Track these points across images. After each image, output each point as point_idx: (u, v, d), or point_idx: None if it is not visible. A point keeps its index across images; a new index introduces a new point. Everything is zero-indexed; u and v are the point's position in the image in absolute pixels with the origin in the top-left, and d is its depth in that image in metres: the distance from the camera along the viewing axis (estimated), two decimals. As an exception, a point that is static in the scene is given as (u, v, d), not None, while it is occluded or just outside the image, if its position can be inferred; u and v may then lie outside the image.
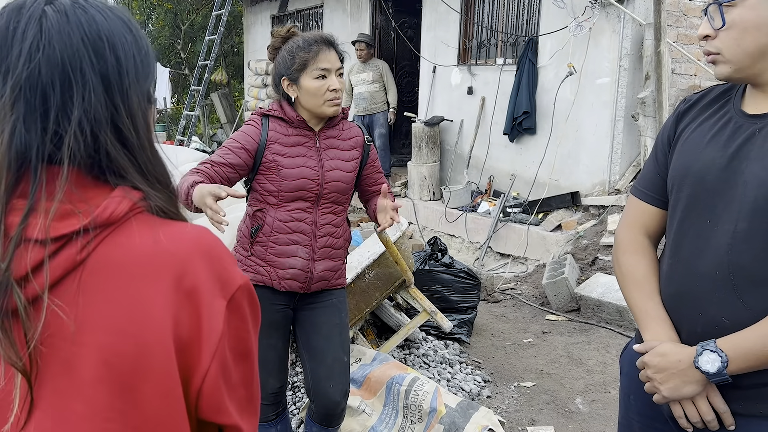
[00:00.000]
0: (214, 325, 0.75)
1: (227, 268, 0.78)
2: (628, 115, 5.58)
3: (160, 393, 0.73)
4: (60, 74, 0.72)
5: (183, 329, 0.73)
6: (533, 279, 5.41)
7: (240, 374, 0.80)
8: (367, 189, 2.28)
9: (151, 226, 0.75)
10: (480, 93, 6.94)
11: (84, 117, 0.73)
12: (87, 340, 0.71)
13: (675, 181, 1.34)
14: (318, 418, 2.22)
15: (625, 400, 1.52)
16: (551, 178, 6.15)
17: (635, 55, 5.51)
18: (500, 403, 3.33)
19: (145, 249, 0.73)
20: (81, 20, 0.74)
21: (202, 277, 0.75)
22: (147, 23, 15.29)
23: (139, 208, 0.75)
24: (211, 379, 0.75)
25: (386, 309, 3.66)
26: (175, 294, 0.73)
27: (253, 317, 0.82)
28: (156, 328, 0.72)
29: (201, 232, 0.78)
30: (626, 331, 4.25)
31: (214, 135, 13.14)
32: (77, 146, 0.72)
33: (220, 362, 0.76)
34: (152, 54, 0.83)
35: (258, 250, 2.08)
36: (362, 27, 8.66)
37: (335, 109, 2.05)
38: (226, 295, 0.76)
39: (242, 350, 0.80)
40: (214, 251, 0.77)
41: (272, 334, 2.16)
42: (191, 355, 0.74)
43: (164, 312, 0.72)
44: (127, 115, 0.76)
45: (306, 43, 2.02)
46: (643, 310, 1.37)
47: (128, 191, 0.75)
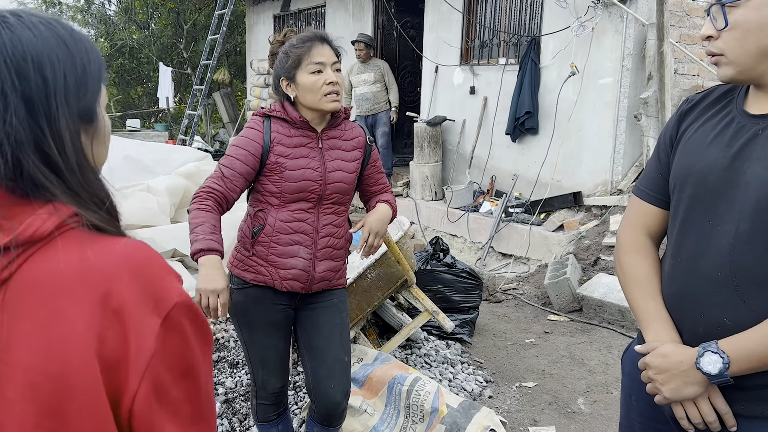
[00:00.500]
0: (143, 343, 0.73)
1: (162, 285, 0.76)
2: (630, 115, 5.57)
3: (87, 413, 0.71)
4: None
5: (109, 348, 0.72)
6: (535, 279, 5.41)
7: (184, 392, 0.78)
8: (368, 189, 2.28)
9: (80, 243, 0.74)
10: (482, 93, 6.93)
11: (5, 140, 0.71)
12: (12, 359, 0.70)
13: (677, 181, 1.34)
14: (319, 418, 2.22)
15: (627, 401, 1.52)
16: (553, 178, 6.14)
17: (638, 55, 5.51)
18: (502, 403, 3.32)
19: (70, 267, 0.72)
20: (5, 40, 0.72)
21: (130, 295, 0.73)
22: (150, 23, 15.32)
23: (68, 226, 0.74)
24: (141, 399, 0.73)
25: (388, 309, 3.66)
26: (102, 312, 0.71)
27: (198, 333, 0.79)
28: (79, 347, 0.70)
29: (134, 248, 0.76)
30: (628, 332, 4.25)
31: (216, 134, 13.15)
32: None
33: (152, 382, 0.74)
34: (94, 70, 0.80)
35: (259, 251, 2.08)
36: (364, 27, 8.66)
37: (334, 105, 2.03)
38: (160, 313, 0.74)
39: (185, 368, 0.78)
40: (146, 268, 0.75)
41: (273, 333, 2.16)
42: (119, 375, 0.73)
43: (88, 331, 0.71)
44: (53, 138, 0.74)
45: (299, 40, 2.03)
46: (645, 311, 1.36)
47: (59, 208, 0.74)
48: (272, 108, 2.11)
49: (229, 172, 2.00)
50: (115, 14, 15.80)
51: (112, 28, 15.18)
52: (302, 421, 2.85)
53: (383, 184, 2.30)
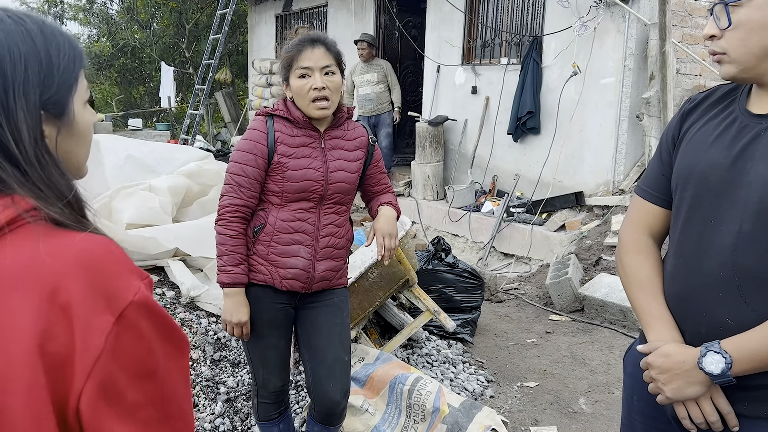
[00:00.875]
0: (90, 343, 0.71)
1: (117, 283, 0.74)
2: (632, 115, 5.57)
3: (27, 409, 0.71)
4: None
5: (55, 345, 0.71)
6: (537, 279, 5.40)
7: (144, 394, 0.76)
8: (370, 189, 2.28)
9: (34, 238, 0.73)
10: (484, 93, 6.93)
11: None
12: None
13: (679, 180, 1.34)
14: (319, 417, 2.22)
15: (629, 401, 1.51)
16: (555, 178, 6.14)
17: (640, 55, 5.50)
18: (503, 403, 3.32)
19: (21, 261, 0.72)
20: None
21: (78, 291, 0.71)
22: (152, 22, 15.32)
23: (23, 220, 0.74)
24: (87, 399, 0.72)
25: (389, 308, 3.66)
26: (49, 308, 0.71)
27: (160, 334, 0.77)
28: (22, 342, 0.70)
29: (90, 243, 0.75)
30: (630, 332, 4.25)
31: (218, 134, 13.16)
32: None
33: (99, 382, 0.72)
34: (65, 63, 0.80)
35: (260, 250, 2.08)
36: (366, 26, 8.66)
37: (321, 113, 2.02)
38: (113, 312, 0.73)
39: (142, 369, 0.76)
40: (100, 265, 0.74)
41: (274, 333, 2.16)
42: (65, 373, 0.71)
43: (33, 326, 0.70)
44: (10, 131, 0.74)
45: (293, 43, 2.04)
46: (647, 311, 1.36)
47: (17, 201, 0.73)
48: (275, 107, 2.10)
49: (244, 181, 2.01)
50: (117, 14, 15.81)
51: (114, 27, 15.19)
52: (303, 420, 2.85)
53: (385, 184, 2.30)
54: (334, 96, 2.03)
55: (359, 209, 7.19)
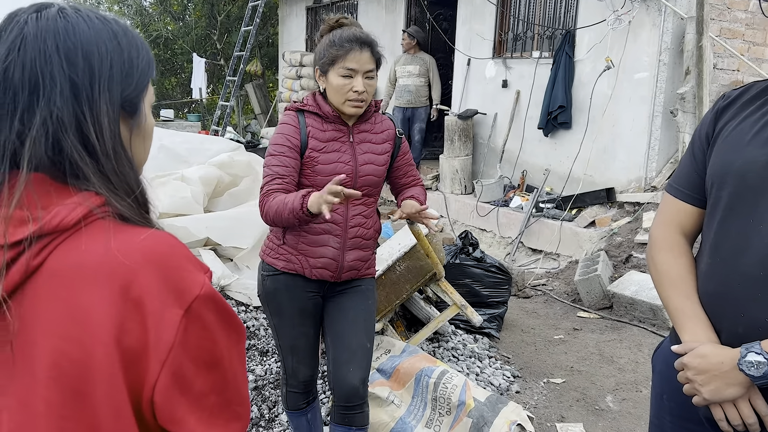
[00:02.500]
0: (163, 336, 0.74)
1: (184, 277, 0.77)
2: (666, 110, 5.47)
3: (107, 399, 0.74)
4: (30, 76, 0.75)
5: (130, 339, 0.74)
6: (565, 275, 5.36)
7: (209, 383, 0.79)
8: (398, 181, 2.29)
9: (105, 233, 0.76)
10: (515, 86, 6.87)
11: (48, 119, 0.75)
12: (42, 342, 0.73)
13: (715, 179, 1.31)
14: (339, 417, 2.17)
15: (658, 400, 1.50)
16: (586, 173, 6.07)
17: (675, 49, 5.40)
18: (529, 398, 3.31)
19: (93, 257, 0.74)
20: (59, 28, 0.77)
21: (150, 287, 0.74)
22: (184, 14, 15.50)
23: (96, 215, 0.76)
24: (161, 390, 0.75)
25: (416, 302, 3.67)
26: (122, 303, 0.73)
27: (223, 325, 0.80)
28: (99, 335, 0.73)
29: (158, 240, 0.78)
30: (659, 330, 4.19)
31: (248, 125, 13.27)
32: (38, 146, 0.75)
33: (172, 373, 0.75)
34: (142, 65, 0.84)
35: (290, 240, 2.11)
36: (397, 19, 8.64)
37: (355, 110, 2.05)
38: (182, 305, 0.75)
39: (209, 359, 0.79)
40: (169, 260, 0.77)
41: (304, 321, 2.19)
42: (140, 366, 0.74)
43: (107, 320, 0.73)
44: (93, 122, 0.77)
45: (341, 39, 2.03)
46: (680, 310, 1.34)
47: (88, 197, 0.76)
48: (305, 102, 2.12)
49: (284, 170, 2.02)
50: (151, 6, 16.03)
51: (148, 19, 15.40)
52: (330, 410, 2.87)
53: (413, 176, 2.31)
54: (370, 98, 2.07)
55: (386, 202, 7.20)
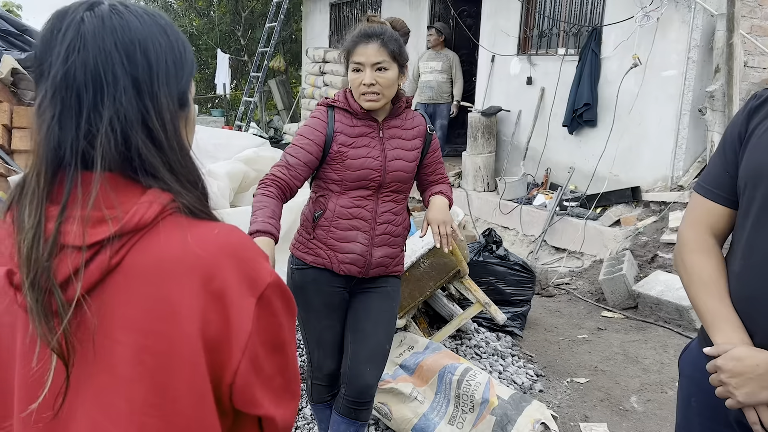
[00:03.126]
0: (243, 324, 0.77)
1: (255, 267, 0.80)
2: (694, 108, 5.39)
3: (190, 389, 0.76)
4: (93, 75, 0.76)
5: (212, 329, 0.76)
6: (589, 274, 5.32)
7: (275, 365, 0.83)
8: (426, 178, 2.30)
9: (180, 228, 0.78)
10: (540, 83, 6.82)
11: (115, 116, 0.76)
12: (124, 339, 0.75)
13: (748, 180, 1.29)
14: (345, 410, 2.21)
15: (686, 403, 1.48)
16: (611, 172, 6.01)
17: (705, 46, 5.31)
18: (552, 397, 3.30)
19: (173, 252, 0.76)
20: (115, 25, 0.78)
21: (229, 278, 0.77)
22: (209, 10, 15.62)
23: (168, 211, 0.78)
24: (242, 375, 0.78)
25: (439, 299, 3.67)
26: (204, 295, 0.76)
27: (286, 310, 0.84)
28: (184, 328, 0.75)
29: (230, 233, 0.80)
30: (685, 331, 4.14)
31: (270, 121, 13.35)
32: (108, 145, 0.76)
33: (250, 358, 0.78)
34: (189, 59, 0.86)
35: (320, 234, 2.13)
36: (421, 15, 8.62)
37: (370, 105, 2.06)
38: (255, 294, 0.78)
39: (276, 343, 0.82)
40: (242, 252, 0.79)
41: (330, 315, 2.21)
42: (221, 354, 0.77)
43: (192, 313, 0.75)
44: (156, 116, 0.79)
45: (351, 36, 2.08)
46: (712, 312, 1.33)
47: (158, 194, 0.78)
48: (336, 98, 2.14)
49: (293, 161, 2.06)
50: (177, 2, 16.19)
51: (173, 15, 15.56)
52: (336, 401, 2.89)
53: (441, 174, 2.31)
54: (386, 90, 2.06)
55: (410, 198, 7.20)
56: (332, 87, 9.67)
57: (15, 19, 5.22)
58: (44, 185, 0.76)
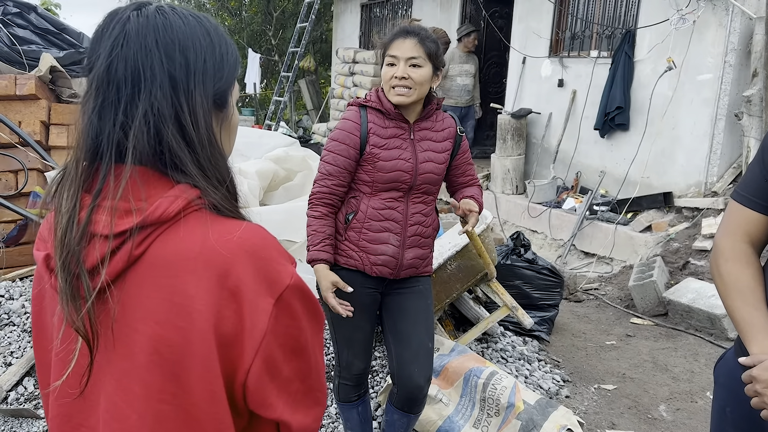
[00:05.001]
0: (257, 323, 0.77)
1: (276, 268, 0.80)
2: (730, 113, 5.28)
3: (202, 383, 0.77)
4: (132, 70, 0.79)
5: (226, 326, 0.77)
6: (618, 280, 5.24)
7: (294, 369, 0.83)
8: (456, 180, 2.29)
9: (203, 224, 0.79)
10: (571, 86, 6.75)
11: (149, 110, 0.79)
12: (142, 328, 0.77)
13: None
14: (399, 403, 2.25)
15: (721, 413, 1.46)
16: (643, 176, 5.92)
17: (743, 50, 5.20)
18: (579, 404, 3.26)
19: (193, 247, 0.78)
20: (158, 24, 0.81)
21: (246, 277, 0.77)
22: (241, 10, 15.79)
23: (194, 207, 0.80)
24: (254, 375, 0.79)
25: (465, 301, 3.66)
26: (219, 292, 0.77)
27: (308, 314, 0.83)
28: (198, 322, 0.76)
29: (252, 232, 0.81)
30: (717, 340, 4.06)
31: (299, 121, 13.44)
32: (141, 137, 0.78)
33: (264, 359, 0.78)
34: (231, 61, 0.87)
35: (352, 236, 2.14)
36: (452, 16, 8.60)
37: (399, 99, 2.07)
38: (273, 294, 0.79)
39: (295, 346, 0.82)
40: (262, 252, 0.80)
41: (361, 316, 2.21)
42: (235, 351, 0.78)
43: (207, 308, 0.76)
44: (190, 113, 0.81)
45: (389, 32, 2.11)
46: (749, 322, 1.31)
47: (186, 189, 0.80)
48: (368, 98, 2.15)
49: (333, 170, 2.08)
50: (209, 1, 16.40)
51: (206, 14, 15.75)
52: (378, 405, 2.90)
53: (471, 176, 2.30)
54: (418, 87, 2.06)
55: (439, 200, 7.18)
56: (361, 87, 9.69)
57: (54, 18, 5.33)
58: (81, 174, 0.80)
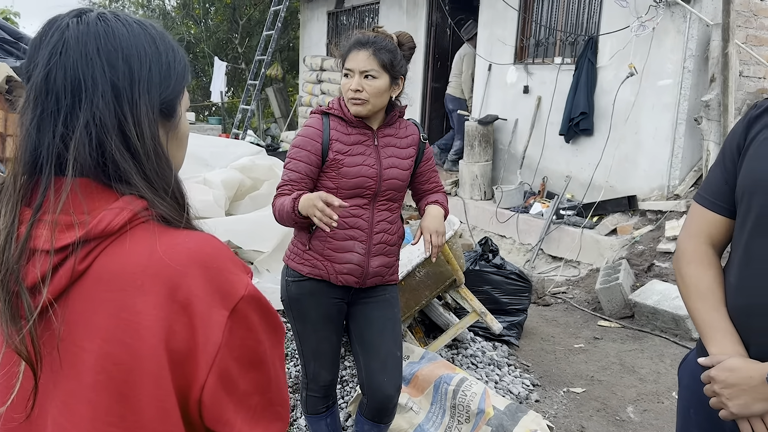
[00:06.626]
0: (210, 337, 0.74)
1: (229, 278, 0.77)
2: (690, 118, 5.40)
3: (154, 402, 0.74)
4: (72, 79, 0.76)
5: (177, 341, 0.74)
6: (586, 283, 5.31)
7: (252, 383, 0.80)
8: (421, 187, 2.29)
9: (151, 236, 0.76)
10: (536, 92, 6.83)
11: (91, 120, 0.76)
12: (88, 346, 0.74)
13: (745, 189, 1.29)
14: (370, 414, 2.23)
15: (685, 414, 1.48)
16: (607, 181, 6.01)
17: (700, 56, 5.33)
18: (549, 408, 3.28)
19: (140, 260, 0.75)
20: (100, 31, 0.78)
21: (197, 289, 0.75)
22: (206, 18, 15.65)
23: (141, 218, 0.77)
24: (210, 390, 0.76)
25: (435, 308, 3.66)
26: (170, 305, 0.74)
27: (266, 325, 0.81)
28: (147, 338, 0.73)
29: (202, 242, 0.78)
30: (682, 341, 4.13)
31: (267, 129, 13.35)
32: (83, 149, 0.75)
33: (219, 374, 0.76)
34: (179, 69, 0.85)
35: (316, 245, 2.11)
36: (418, 24, 8.65)
37: (355, 109, 2.07)
38: (227, 306, 0.76)
39: (252, 359, 0.79)
40: (214, 262, 0.77)
41: (327, 327, 2.19)
42: (188, 367, 0.75)
43: (156, 323, 0.73)
44: (134, 123, 0.78)
45: (345, 43, 2.11)
46: (708, 323, 1.32)
47: (131, 201, 0.77)
48: (330, 106, 2.14)
49: (295, 176, 2.06)
50: (174, 9, 16.22)
51: (170, 22, 15.58)
52: (348, 415, 2.87)
53: (435, 183, 2.30)
54: (372, 98, 2.05)
55: (405, 207, 7.20)
56: (329, 95, 9.68)
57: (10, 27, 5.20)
58: (20, 188, 0.76)
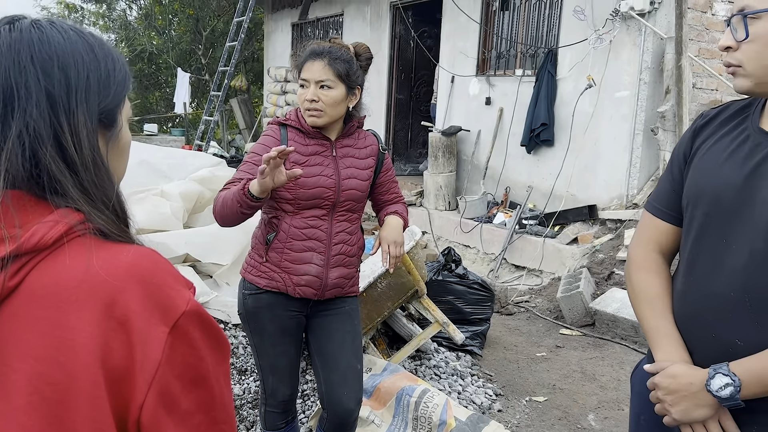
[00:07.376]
0: (149, 354, 0.72)
1: (169, 293, 0.75)
2: (647, 128, 5.53)
3: (89, 423, 0.71)
4: (4, 88, 0.73)
5: (115, 359, 0.71)
6: (548, 292, 5.36)
7: (195, 401, 0.77)
8: (381, 198, 2.29)
9: (87, 250, 0.74)
10: (498, 104, 6.92)
11: (24, 130, 0.73)
12: (19, 366, 0.71)
13: (690, 198, 1.31)
14: (330, 429, 2.19)
15: (636, 420, 1.49)
16: (568, 190, 6.11)
17: (656, 68, 5.47)
18: (511, 417, 3.29)
19: (75, 276, 0.72)
20: (34, 39, 0.76)
21: (135, 305, 0.72)
22: (169, 28, 15.48)
23: (77, 232, 0.74)
24: (149, 410, 0.73)
25: (398, 319, 3.65)
26: (106, 322, 0.71)
27: (209, 341, 0.79)
28: (82, 356, 0.70)
29: (141, 256, 0.76)
30: (641, 348, 4.20)
31: (232, 140, 13.24)
32: (15, 159, 0.73)
33: (159, 392, 0.73)
34: (119, 77, 0.83)
35: (273, 257, 2.08)
36: (382, 36, 8.69)
37: (311, 120, 2.06)
38: (167, 322, 0.74)
39: (194, 377, 0.77)
40: (153, 277, 0.75)
41: (285, 340, 2.16)
42: (126, 386, 0.72)
43: (91, 340, 0.71)
44: (71, 133, 0.76)
45: (301, 53, 2.10)
46: (655, 329, 1.34)
47: (67, 214, 0.74)
48: (288, 117, 2.12)
49: (246, 176, 2.01)
50: (136, 20, 16.01)
51: (132, 33, 15.37)
52: (309, 430, 2.84)
53: (395, 193, 2.30)
54: (328, 109, 2.04)
55: (370, 218, 7.19)
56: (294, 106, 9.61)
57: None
58: None
